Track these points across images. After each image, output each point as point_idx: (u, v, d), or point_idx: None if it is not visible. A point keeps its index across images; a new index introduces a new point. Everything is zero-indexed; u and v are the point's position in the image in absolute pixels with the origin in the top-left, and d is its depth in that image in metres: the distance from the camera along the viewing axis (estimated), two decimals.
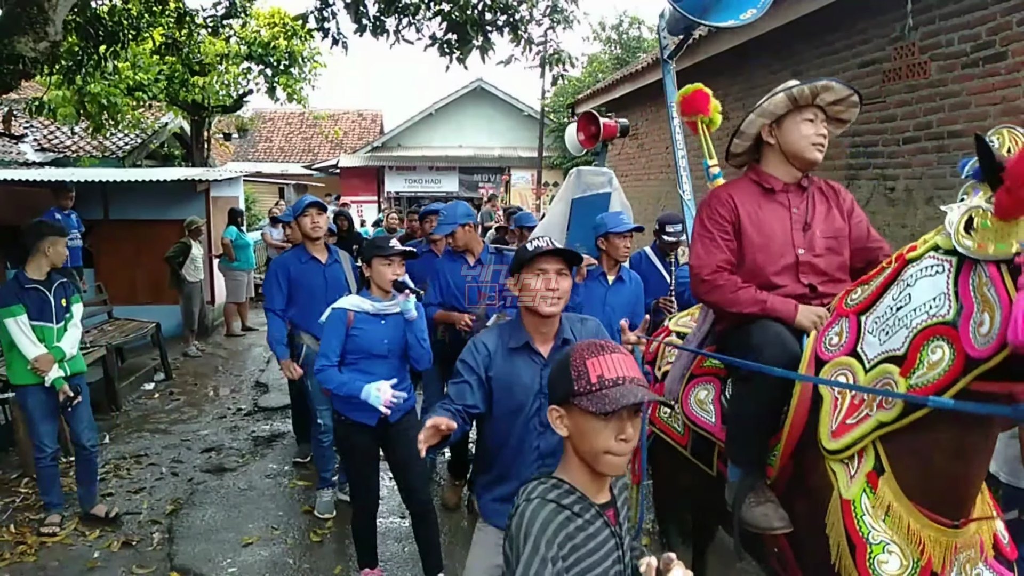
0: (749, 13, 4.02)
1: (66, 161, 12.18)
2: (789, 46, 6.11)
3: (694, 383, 2.73)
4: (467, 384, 2.20)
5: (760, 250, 2.42)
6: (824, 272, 2.43)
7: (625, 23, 20.34)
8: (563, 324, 2.28)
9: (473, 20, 6.70)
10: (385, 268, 3.16)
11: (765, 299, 2.33)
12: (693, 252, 2.54)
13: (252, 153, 25.19)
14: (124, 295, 8.96)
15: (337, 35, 7.00)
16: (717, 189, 2.59)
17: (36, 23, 4.11)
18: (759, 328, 2.31)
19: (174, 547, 3.96)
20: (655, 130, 9.57)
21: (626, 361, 1.48)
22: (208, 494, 4.66)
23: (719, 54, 6.91)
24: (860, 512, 1.88)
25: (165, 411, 6.52)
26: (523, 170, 20.75)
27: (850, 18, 5.22)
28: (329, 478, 4.41)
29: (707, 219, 2.50)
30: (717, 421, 2.54)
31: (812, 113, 2.40)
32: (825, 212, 2.48)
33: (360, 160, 21.40)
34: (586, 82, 17.80)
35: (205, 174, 10.26)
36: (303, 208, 4.17)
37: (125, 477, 4.94)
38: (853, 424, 1.93)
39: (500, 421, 2.25)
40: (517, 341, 2.23)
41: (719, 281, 2.41)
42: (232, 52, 12.18)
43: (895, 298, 1.94)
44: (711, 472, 2.60)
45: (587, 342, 1.54)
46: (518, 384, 2.20)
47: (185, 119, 13.70)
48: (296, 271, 4.22)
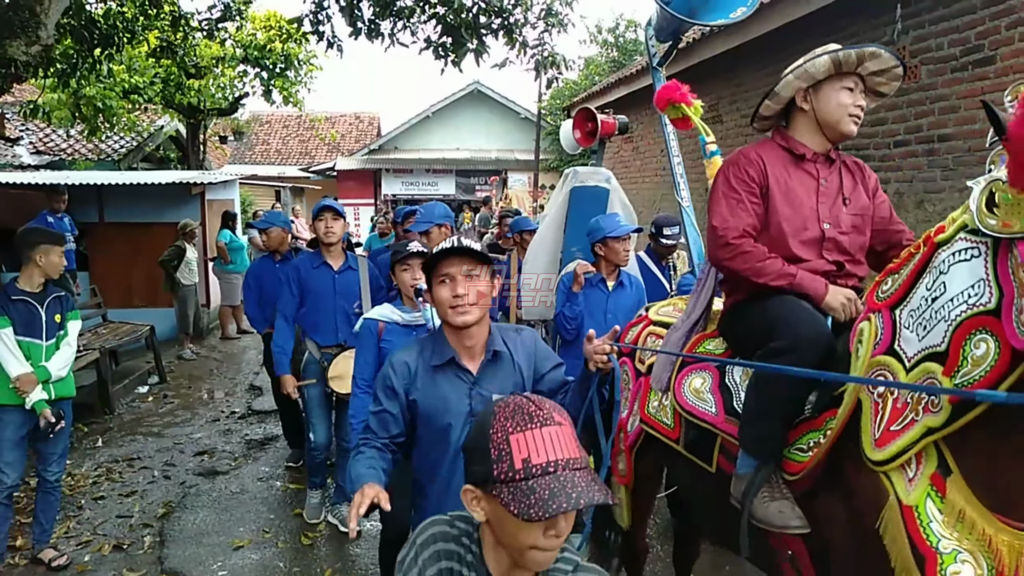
0: (739, 11, 3.96)
1: (61, 164, 12.19)
2: (782, 49, 6.12)
3: (687, 371, 2.53)
4: (389, 413, 1.96)
5: (786, 219, 2.24)
6: (847, 251, 2.27)
7: (622, 26, 20.36)
8: (493, 335, 2.02)
9: (467, 23, 6.72)
10: (404, 274, 2.99)
11: (794, 272, 2.15)
12: (716, 213, 2.30)
13: (248, 156, 25.20)
14: (119, 298, 8.95)
15: (332, 38, 7.03)
16: (744, 148, 2.35)
17: (28, 27, 4.12)
18: (787, 303, 2.12)
19: (165, 550, 3.96)
20: (650, 133, 9.59)
21: (561, 436, 1.18)
22: (200, 497, 4.66)
23: (712, 57, 6.94)
24: (926, 519, 1.66)
25: (159, 414, 6.51)
26: (520, 172, 20.78)
27: (841, 21, 5.24)
28: (319, 481, 4.35)
29: (734, 178, 2.28)
30: (719, 411, 2.33)
31: (852, 81, 2.19)
32: (852, 187, 2.32)
33: (357, 163, 21.42)
34: (582, 85, 17.83)
35: (201, 177, 10.27)
36: (318, 212, 4.06)
37: (117, 480, 4.94)
38: (898, 431, 1.73)
39: (426, 451, 2.00)
40: (440, 357, 1.96)
41: (746, 247, 2.20)
42: (228, 55, 12.20)
43: (929, 288, 1.75)
44: (709, 468, 2.37)
45: (512, 407, 1.21)
46: (444, 407, 1.94)
47: (181, 122, 13.71)
48: (307, 275, 4.11)
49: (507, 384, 1.97)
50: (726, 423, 2.29)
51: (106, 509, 4.48)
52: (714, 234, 2.28)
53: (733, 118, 7.23)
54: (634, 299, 3.87)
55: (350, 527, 1.66)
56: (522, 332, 2.11)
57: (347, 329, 4.00)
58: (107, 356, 6.64)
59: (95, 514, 4.41)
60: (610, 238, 3.80)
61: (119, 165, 12.49)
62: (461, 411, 1.95)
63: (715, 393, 2.38)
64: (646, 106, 9.35)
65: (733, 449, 2.24)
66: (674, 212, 8.15)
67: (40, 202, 7.89)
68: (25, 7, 4.11)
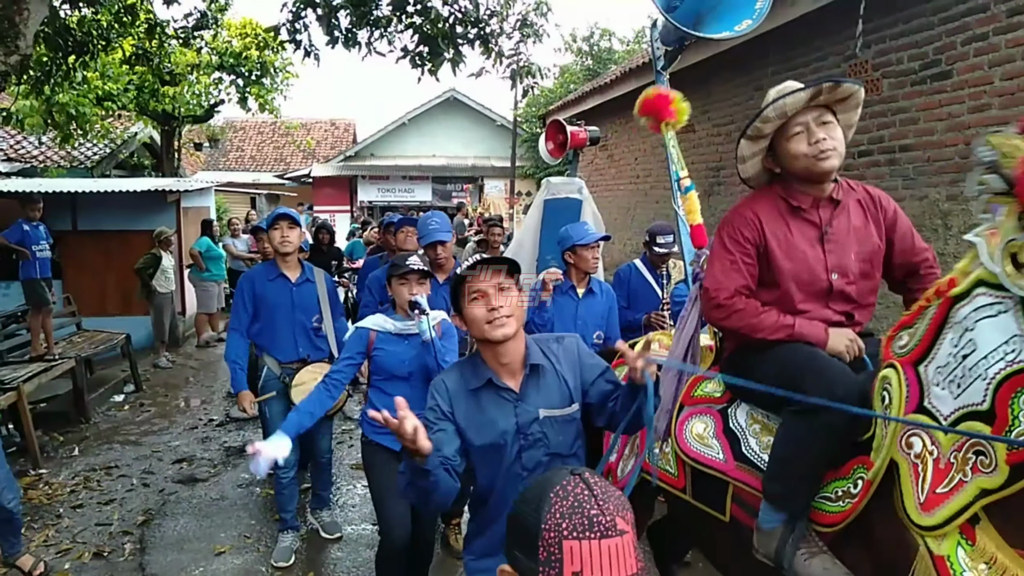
0: (744, 24, 3.88)
1: (33, 171, 12.04)
2: (751, 62, 6.31)
3: (687, 415, 2.43)
4: (442, 432, 1.88)
5: (788, 275, 2.16)
6: (855, 300, 2.19)
7: (596, 35, 20.61)
8: (530, 347, 1.96)
9: (444, 33, 6.80)
10: (402, 288, 3.00)
11: (791, 323, 2.11)
12: (710, 274, 2.26)
13: (223, 163, 25.04)
14: (93, 307, 8.90)
15: (309, 47, 7.06)
16: (741, 206, 2.28)
17: (7, 36, 4.12)
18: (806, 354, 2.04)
19: (146, 557, 3.97)
20: (625, 141, 9.75)
21: (622, 551, 1.03)
22: (180, 504, 4.67)
23: (683, 69, 7.08)
24: (959, 569, 1.60)
25: (135, 422, 6.49)
26: (496, 179, 20.91)
27: (808, 36, 5.42)
28: (290, 520, 4.03)
29: (728, 239, 2.22)
30: (728, 457, 2.23)
31: (799, 125, 2.10)
32: (861, 229, 2.19)
33: (333, 169, 21.39)
34: (557, 93, 18.00)
35: (176, 184, 10.25)
36: (273, 220, 3.85)
37: (96, 489, 4.93)
38: (946, 493, 1.64)
39: (480, 472, 1.97)
40: (479, 380, 1.92)
41: (738, 305, 2.17)
42: (203, 62, 12.17)
43: (955, 344, 1.70)
44: (723, 517, 2.26)
45: (572, 502, 1.05)
46: (490, 429, 1.90)
47: (155, 129, 13.62)
48: (261, 288, 3.87)
49: (553, 398, 1.93)
50: (736, 470, 2.20)
51: (85, 517, 4.47)
52: (707, 295, 2.25)
53: (705, 127, 7.39)
54: (604, 306, 3.91)
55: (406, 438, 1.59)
56: (563, 340, 2.04)
57: (308, 344, 3.91)
58: (82, 365, 6.61)
59: (74, 522, 4.40)
60: (579, 246, 3.85)
61: (92, 172, 12.37)
62: (509, 430, 1.90)
63: (720, 438, 2.29)
64: (619, 115, 9.52)
65: (748, 498, 2.17)
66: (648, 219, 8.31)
67: (11, 210, 7.82)
68: (4, 17, 4.12)
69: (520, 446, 1.89)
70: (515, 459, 1.90)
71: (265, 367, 3.95)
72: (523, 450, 1.89)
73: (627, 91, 8.92)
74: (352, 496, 4.79)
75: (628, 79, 8.86)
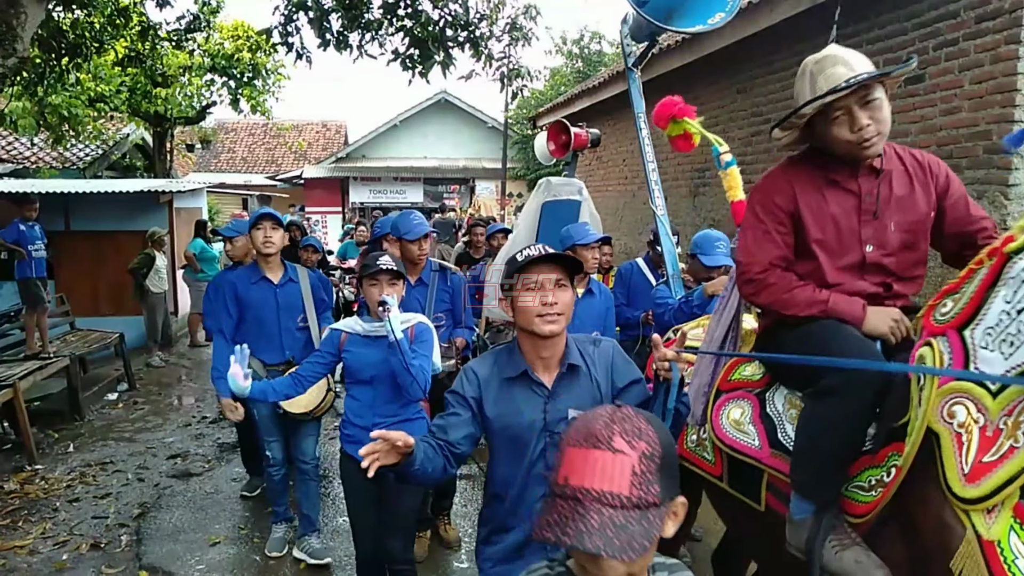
0: (717, 17, 3.89)
1: (25, 172, 12.09)
2: (734, 65, 6.45)
3: (723, 400, 2.34)
4: (456, 416, 1.90)
5: (821, 246, 2.05)
6: (893, 272, 2.05)
7: (586, 37, 20.78)
8: (569, 346, 1.94)
9: (434, 36, 6.92)
10: (372, 288, 2.89)
11: (826, 298, 1.99)
12: (741, 245, 2.15)
13: (215, 164, 25.07)
14: (86, 306, 8.96)
15: (301, 49, 7.16)
16: (773, 173, 2.16)
17: (4, 40, 4.22)
18: (829, 330, 1.94)
19: (142, 547, 4.07)
20: (612, 143, 9.89)
21: (611, 465, 1.08)
22: (175, 498, 4.76)
23: (668, 72, 7.23)
24: (1011, 555, 1.46)
25: (129, 420, 6.57)
26: (487, 181, 21.01)
27: (789, 39, 5.56)
28: (282, 512, 4.04)
29: (759, 207, 2.11)
30: (763, 444, 2.14)
31: (841, 109, 1.93)
32: (904, 197, 2.04)
33: (324, 171, 21.44)
34: (548, 95, 18.16)
35: (168, 185, 10.31)
36: (255, 220, 3.71)
37: (91, 484, 5.01)
38: (995, 462, 1.51)
39: (501, 464, 1.95)
40: (514, 369, 1.90)
41: (770, 279, 2.06)
42: (195, 64, 12.26)
43: (1009, 300, 1.59)
44: (758, 506, 2.18)
45: (589, 418, 1.14)
46: (517, 422, 1.88)
47: (147, 130, 13.69)
48: (244, 291, 3.75)
49: (584, 399, 1.88)
50: (772, 457, 2.11)
51: (81, 511, 4.56)
52: (739, 268, 2.15)
53: None
54: (602, 307, 3.91)
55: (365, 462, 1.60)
56: (600, 343, 2.00)
57: (294, 346, 3.83)
58: (76, 363, 6.69)
59: (71, 516, 4.49)
60: (579, 246, 3.85)
61: (84, 173, 12.43)
62: (536, 425, 1.87)
63: (756, 424, 2.20)
64: (607, 117, 9.65)
65: (782, 486, 2.08)
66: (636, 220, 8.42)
67: (5, 210, 7.88)
68: (2, 21, 4.22)
69: (545, 443, 1.87)
70: (539, 457, 1.87)
71: (252, 371, 3.71)
72: (547, 448, 1.86)
73: (613, 94, 9.06)
74: None
75: (615, 82, 9.00)
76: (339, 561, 3.92)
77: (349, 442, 2.99)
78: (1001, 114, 3.83)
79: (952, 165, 4.00)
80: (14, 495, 4.78)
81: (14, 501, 4.69)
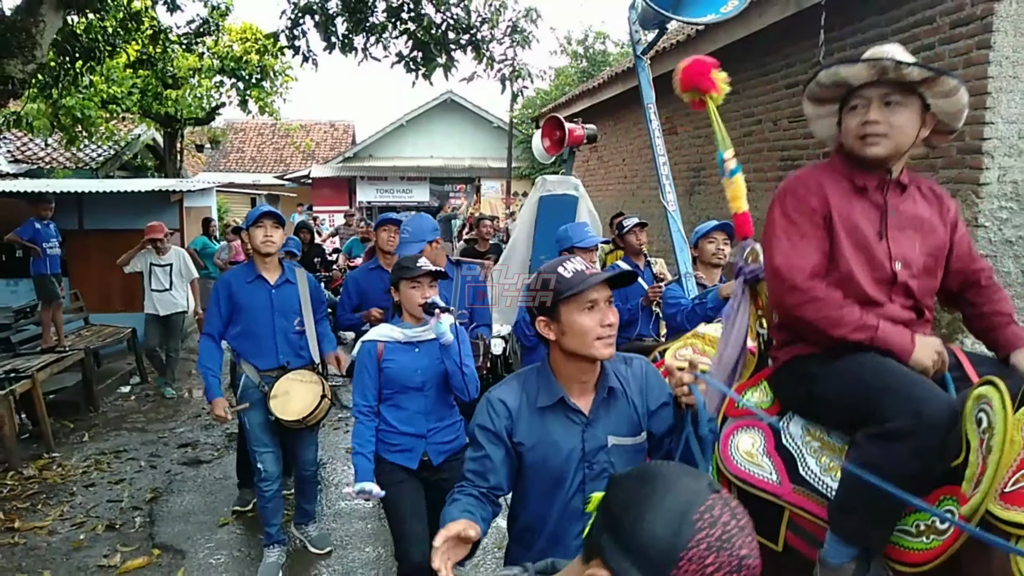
0: (730, 6, 3.82)
1: (40, 172, 12.38)
2: (728, 66, 6.53)
3: (732, 428, 2.16)
4: (490, 460, 1.75)
5: (852, 259, 1.90)
6: (916, 296, 1.93)
7: (591, 38, 20.94)
8: (606, 368, 1.80)
9: (437, 39, 7.12)
10: (413, 291, 2.78)
11: (875, 324, 1.82)
12: (777, 251, 1.95)
13: (224, 163, 25.38)
14: (99, 303, 9.20)
15: (307, 52, 7.38)
16: (803, 174, 2.01)
17: (25, 47, 4.45)
18: (890, 368, 1.77)
19: (155, 528, 4.29)
20: (612, 143, 10.07)
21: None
22: (185, 483, 4.99)
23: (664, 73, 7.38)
24: None
25: (142, 411, 6.81)
26: (493, 180, 21.21)
27: (779, 42, 5.74)
28: (275, 534, 3.76)
29: (793, 209, 1.94)
30: (783, 479, 1.97)
31: (860, 98, 1.86)
32: (927, 220, 1.95)
33: (332, 170, 21.69)
34: (553, 95, 18.34)
35: (179, 185, 10.55)
36: (256, 218, 3.61)
37: (106, 470, 5.24)
38: None
39: (534, 500, 1.80)
40: (549, 397, 1.76)
41: (817, 292, 1.85)
42: (205, 66, 12.52)
43: None
44: (775, 546, 2.00)
45: (722, 536, 0.91)
46: (554, 453, 1.74)
47: (158, 131, 13.97)
48: (238, 291, 3.63)
49: (623, 424, 1.79)
50: (794, 494, 1.94)
51: (97, 495, 4.79)
52: (778, 276, 1.93)
53: (686, 129, 7.71)
54: None
55: (436, 566, 1.45)
56: (632, 363, 1.87)
57: (288, 350, 3.69)
58: (91, 356, 6.92)
59: (87, 499, 4.71)
60: (578, 248, 3.84)
61: (97, 173, 12.71)
62: (574, 456, 1.74)
63: (773, 456, 2.03)
64: (608, 118, 9.83)
65: (807, 526, 1.93)
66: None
67: (20, 209, 8.13)
68: (22, 29, 4.45)
69: (584, 475, 1.74)
70: (576, 491, 1.75)
71: (243, 375, 3.70)
72: (586, 480, 1.74)
73: (615, 94, 9.25)
74: (341, 472, 5.09)
75: (615, 83, 9.19)
76: (340, 542, 4.11)
77: (397, 451, 2.86)
78: (973, 116, 3.98)
79: (928, 164, 4.20)
80: (33, 480, 5.02)
81: (33, 486, 4.92)
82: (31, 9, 4.54)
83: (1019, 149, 3.98)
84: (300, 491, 3.99)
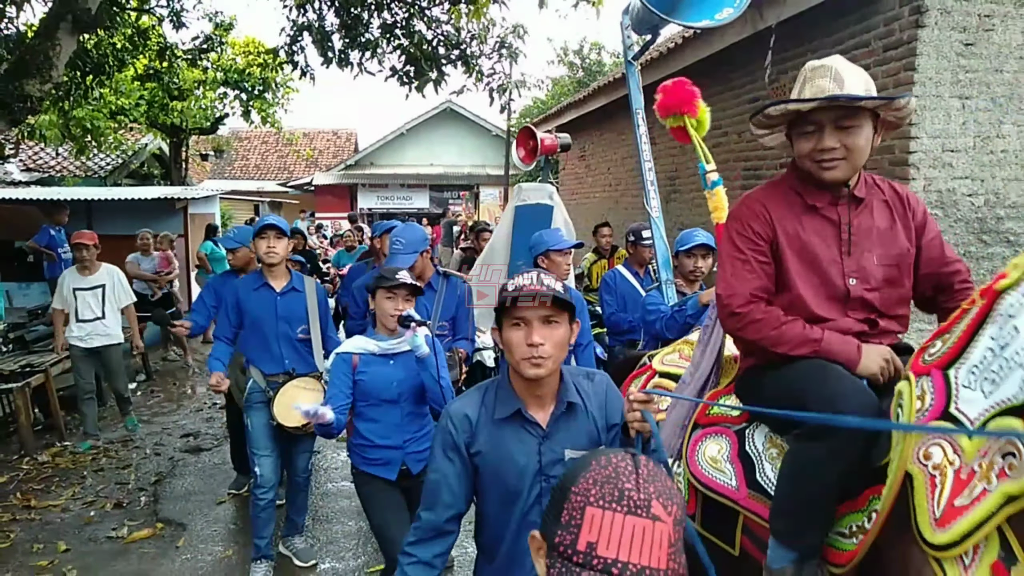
0: (725, 12, 3.88)
1: (51, 180, 12.87)
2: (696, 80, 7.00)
3: (701, 435, 2.20)
4: (442, 484, 1.76)
5: (801, 277, 1.93)
6: (877, 308, 1.94)
7: (586, 48, 21.42)
8: (565, 382, 1.78)
9: (428, 55, 7.54)
10: (387, 302, 2.80)
11: (819, 337, 1.85)
12: (721, 278, 2.02)
13: (228, 171, 25.90)
14: None
15: (305, 67, 7.82)
16: (748, 198, 2.04)
17: (43, 68, 4.87)
18: (816, 370, 1.82)
19: (159, 506, 4.70)
20: (599, 151, 10.49)
21: (650, 536, 0.92)
22: (187, 468, 5.41)
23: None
24: None
25: (147, 405, 7.23)
26: (492, 187, 21.64)
27: (742, 60, 6.16)
28: (264, 548, 3.74)
29: (737, 235, 1.99)
30: (741, 484, 2.02)
31: (812, 124, 1.87)
32: (886, 230, 1.95)
33: (334, 178, 22.19)
34: (549, 104, 18.79)
35: (184, 192, 11.01)
36: (259, 230, 3.70)
37: (114, 457, 5.66)
38: (966, 506, 1.43)
39: (491, 513, 1.80)
40: (506, 409, 1.74)
41: (756, 314, 1.91)
42: (209, 78, 13.00)
43: (995, 337, 1.52)
44: (732, 551, 2.05)
45: (610, 470, 0.96)
46: (510, 465, 1.73)
47: (164, 140, 14.47)
48: (245, 297, 3.77)
49: (581, 438, 1.76)
50: (749, 499, 1.99)
51: (106, 478, 5.21)
52: (719, 303, 2.01)
53: (663, 139, 8.11)
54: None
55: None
56: (594, 378, 1.86)
57: (294, 356, 3.79)
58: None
59: (96, 482, 5.14)
60: (553, 251, 3.90)
61: (105, 181, 13.19)
62: (529, 470, 1.73)
63: (735, 462, 2.07)
64: (595, 128, 10.26)
65: (759, 531, 1.96)
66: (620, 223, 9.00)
67: (33, 217, 8.59)
68: (40, 52, 4.87)
69: (541, 488, 1.73)
70: (533, 504, 1.74)
71: (251, 379, 3.84)
72: (543, 495, 1.72)
73: (600, 105, 9.67)
74: (337, 467, 5.50)
75: (601, 94, 9.61)
76: (329, 537, 4.43)
77: (375, 464, 2.88)
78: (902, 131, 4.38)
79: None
80: (47, 465, 5.45)
81: (47, 470, 5.35)
82: (48, 33, 4.96)
83: (943, 161, 4.38)
84: (291, 501, 4.04)
